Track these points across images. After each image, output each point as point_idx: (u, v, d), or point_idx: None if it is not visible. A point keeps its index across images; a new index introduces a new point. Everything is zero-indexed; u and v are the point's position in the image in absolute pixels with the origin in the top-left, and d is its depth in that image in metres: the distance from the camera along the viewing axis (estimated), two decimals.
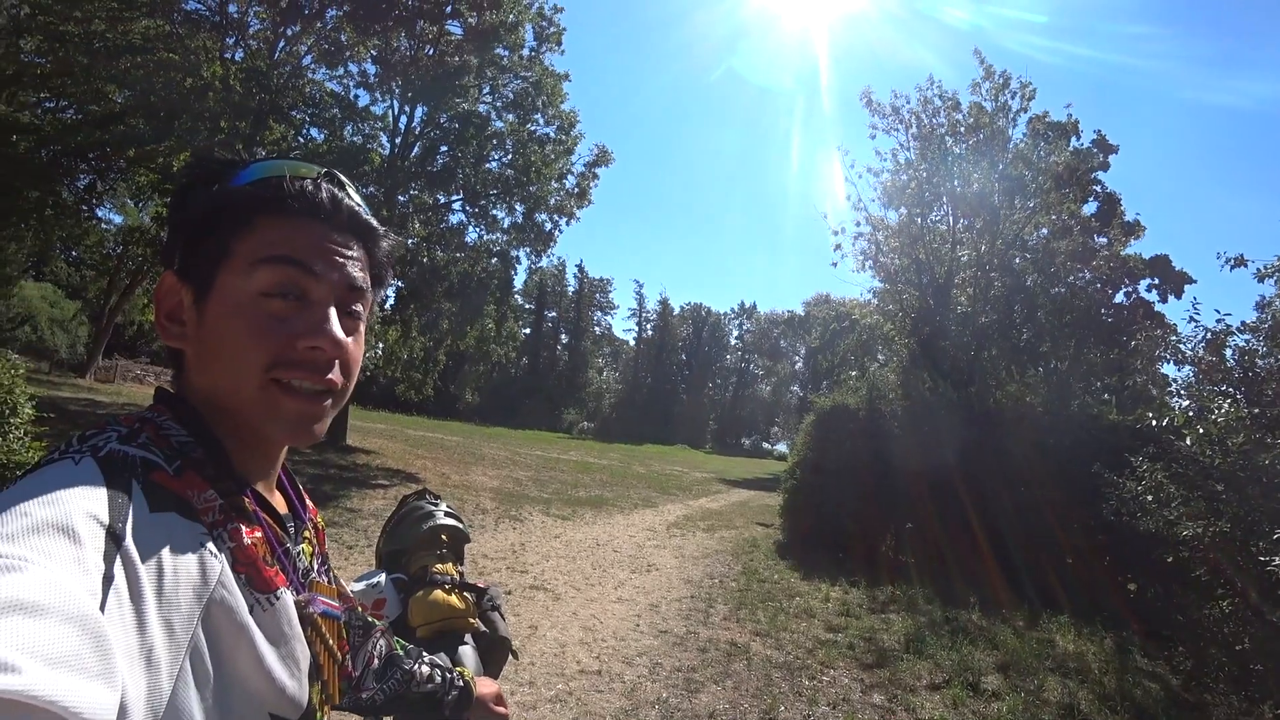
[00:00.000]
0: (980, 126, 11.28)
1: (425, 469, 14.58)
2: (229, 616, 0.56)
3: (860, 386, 12.17)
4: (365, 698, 1.00)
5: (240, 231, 0.63)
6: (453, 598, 1.78)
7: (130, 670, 0.45)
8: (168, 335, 0.65)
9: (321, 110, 15.37)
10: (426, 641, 1.71)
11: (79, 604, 0.41)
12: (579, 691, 4.16)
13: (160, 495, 0.54)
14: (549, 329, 64.78)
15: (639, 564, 8.24)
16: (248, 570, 0.59)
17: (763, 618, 6.29)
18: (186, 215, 0.65)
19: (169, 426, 0.61)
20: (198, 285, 0.63)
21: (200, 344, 0.63)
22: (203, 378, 0.64)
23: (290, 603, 0.64)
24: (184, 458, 0.59)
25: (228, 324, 0.61)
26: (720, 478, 24.89)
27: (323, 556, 0.81)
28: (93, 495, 0.49)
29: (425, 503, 2.01)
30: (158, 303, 0.65)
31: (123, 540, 0.48)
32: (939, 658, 5.36)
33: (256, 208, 0.63)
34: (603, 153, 17.34)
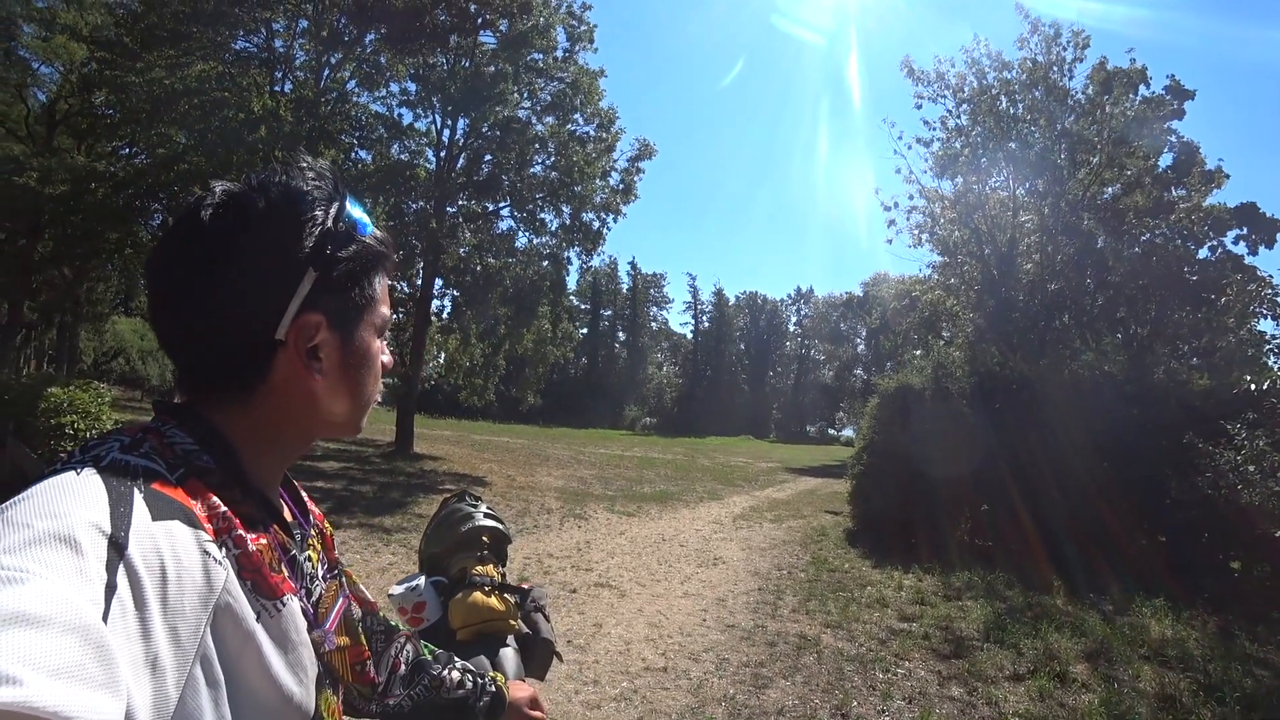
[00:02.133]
0: (1035, 82, 10.64)
1: (491, 472, 14.88)
2: (235, 623, 0.56)
3: (925, 365, 11.75)
4: (392, 704, 0.98)
5: (379, 281, 0.73)
6: (492, 599, 1.75)
7: (135, 678, 0.45)
8: (312, 371, 0.67)
9: (368, 132, 15.88)
10: (467, 644, 1.69)
11: (81, 614, 0.42)
12: (644, 689, 4.13)
13: (162, 503, 0.54)
14: (605, 327, 65.20)
15: (705, 558, 8.18)
16: (253, 576, 0.59)
17: (833, 609, 6.13)
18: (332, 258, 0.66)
19: (174, 435, 0.62)
20: (344, 331, 0.69)
21: (338, 380, 0.70)
22: (327, 407, 0.70)
23: (297, 609, 0.64)
24: (188, 465, 0.60)
25: (367, 364, 0.73)
26: (786, 467, 24.52)
27: (330, 562, 0.82)
28: (94, 505, 0.49)
29: (465, 504, 2.00)
30: (300, 340, 0.66)
31: (125, 549, 0.48)
32: (1021, 646, 5.09)
33: (388, 265, 0.74)
34: (645, 146, 17.30)
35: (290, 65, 15.55)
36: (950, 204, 11.91)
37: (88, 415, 5.27)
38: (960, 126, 11.59)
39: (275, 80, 15.08)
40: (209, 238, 0.63)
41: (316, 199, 0.67)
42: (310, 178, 0.68)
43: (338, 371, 0.70)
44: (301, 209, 0.65)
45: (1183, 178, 10.98)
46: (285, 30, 15.09)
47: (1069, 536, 7.82)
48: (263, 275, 0.63)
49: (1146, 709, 4.07)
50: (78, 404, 5.23)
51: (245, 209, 0.63)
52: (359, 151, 16.10)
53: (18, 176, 14.31)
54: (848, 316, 60.46)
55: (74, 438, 5.25)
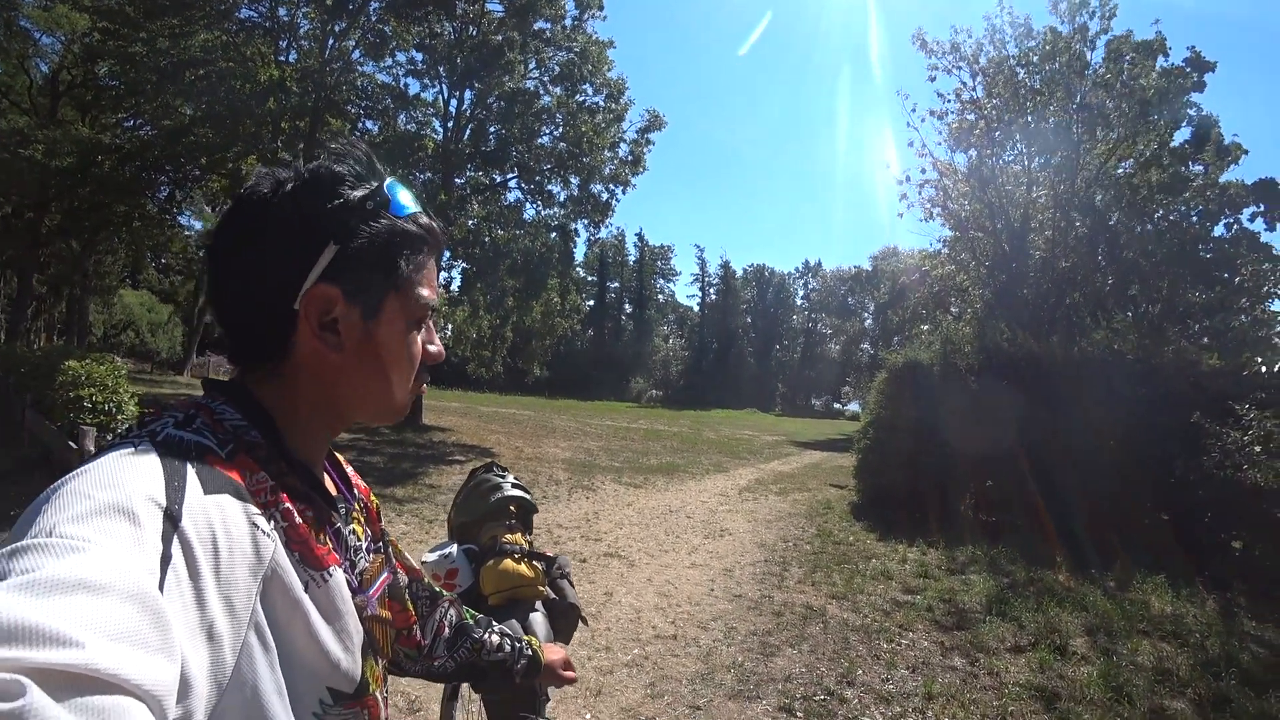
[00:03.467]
0: (1056, 53, 10.41)
1: (499, 443, 15.04)
2: (284, 593, 0.58)
3: (933, 341, 11.72)
4: (436, 665, 1.03)
5: (414, 265, 0.72)
6: (522, 566, 1.83)
7: (191, 645, 0.47)
8: (329, 344, 0.68)
9: (375, 102, 15.71)
10: (498, 609, 1.77)
11: (138, 582, 0.44)
12: (655, 656, 4.25)
13: (213, 478, 0.56)
14: (612, 299, 65.07)
15: (712, 529, 8.30)
16: (300, 548, 0.62)
17: (838, 580, 6.24)
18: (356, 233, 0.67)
19: (223, 411, 0.65)
20: (365, 305, 0.69)
21: (361, 357, 0.70)
22: (351, 384, 0.71)
23: (342, 580, 0.67)
24: (237, 441, 0.62)
25: (397, 345, 0.72)
26: (791, 440, 24.66)
27: (375, 534, 0.85)
28: (150, 478, 0.52)
29: (494, 475, 2.07)
30: (310, 311, 0.66)
31: (179, 521, 0.51)
32: (1023, 620, 5.18)
33: (428, 250, 0.74)
34: (654, 117, 17.08)
35: (295, 34, 15.31)
36: (963, 178, 11.76)
37: (105, 388, 5.38)
38: (975, 99, 11.40)
39: (280, 50, 14.87)
40: (244, 213, 0.67)
41: (346, 177, 0.69)
42: (347, 159, 0.70)
43: (359, 349, 0.70)
44: (329, 185, 0.68)
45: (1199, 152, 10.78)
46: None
47: (1074, 513, 7.89)
48: (286, 248, 0.66)
49: (1144, 682, 4.17)
50: (95, 377, 5.34)
51: (278, 187, 0.67)
52: (365, 122, 15.95)
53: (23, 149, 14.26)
54: (856, 291, 60.10)
55: (92, 410, 5.30)
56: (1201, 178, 10.35)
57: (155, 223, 17.97)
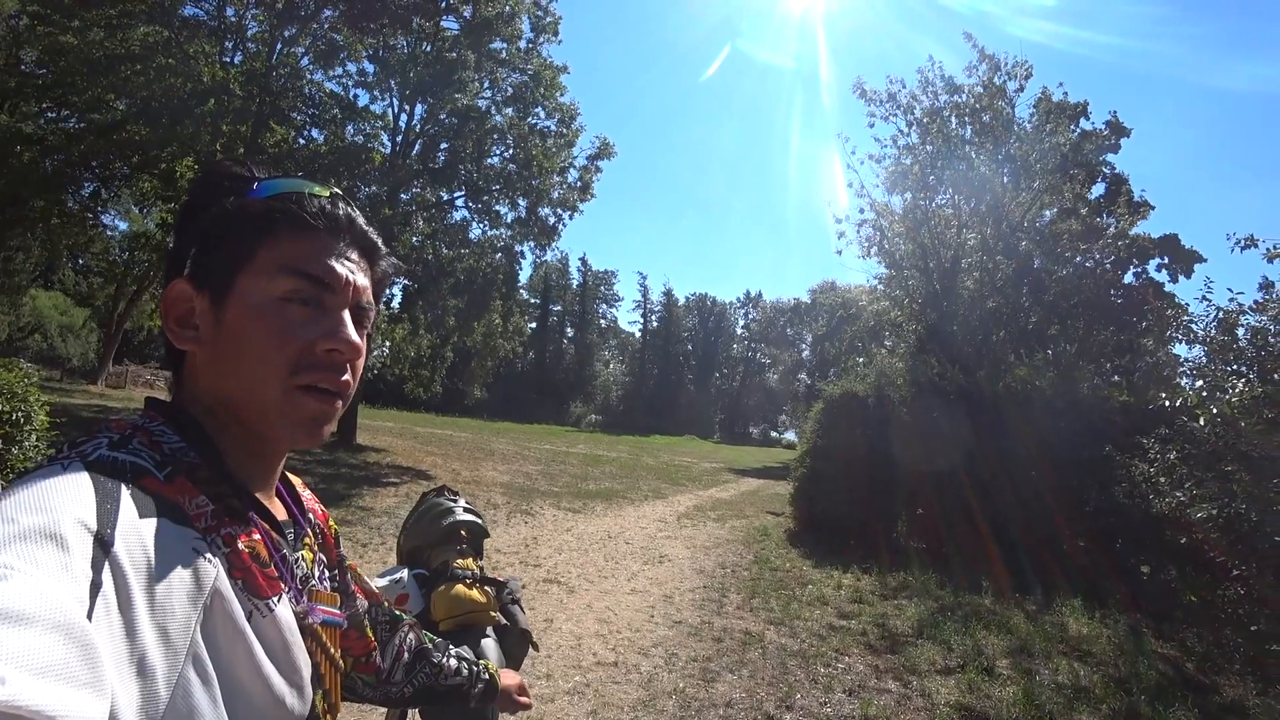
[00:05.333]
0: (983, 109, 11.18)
1: (436, 465, 14.65)
2: (227, 622, 0.55)
3: (868, 374, 12.11)
4: (394, 691, 1.01)
5: (265, 240, 0.65)
6: (474, 592, 1.80)
7: (121, 677, 0.44)
8: (180, 340, 0.65)
9: (322, 111, 15.37)
10: (449, 635, 1.73)
11: (65, 612, 0.41)
12: (596, 683, 4.20)
13: (149, 501, 0.54)
14: (554, 323, 64.78)
15: (651, 555, 8.28)
16: (244, 575, 0.59)
17: (776, 606, 6.32)
18: (202, 224, 0.67)
19: (162, 432, 0.62)
20: (214, 290, 0.65)
21: (218, 346, 0.64)
22: (218, 379, 0.65)
23: (289, 610, 0.64)
24: (176, 463, 0.60)
25: (251, 325, 0.64)
26: (729, 467, 24.92)
27: (328, 562, 0.82)
28: (80, 501, 0.49)
29: (444, 499, 2.04)
30: (166, 309, 0.66)
31: (111, 546, 0.48)
32: (952, 643, 5.37)
33: (281, 219, 0.66)
34: (604, 145, 17.27)
35: (242, 35, 14.87)
36: (898, 219, 12.38)
37: (12, 396, 4.73)
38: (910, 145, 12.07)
39: (225, 50, 14.42)
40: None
41: (214, 183, 0.69)
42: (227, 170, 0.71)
43: (214, 338, 0.65)
44: (192, 194, 0.69)
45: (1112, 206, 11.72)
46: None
47: (998, 540, 8.27)
48: (174, 261, 0.68)
49: (1063, 700, 4.37)
50: (2, 385, 4.76)
51: None
52: (311, 130, 15.56)
53: None
54: (794, 322, 61.74)
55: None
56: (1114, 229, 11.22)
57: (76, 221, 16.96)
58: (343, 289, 0.68)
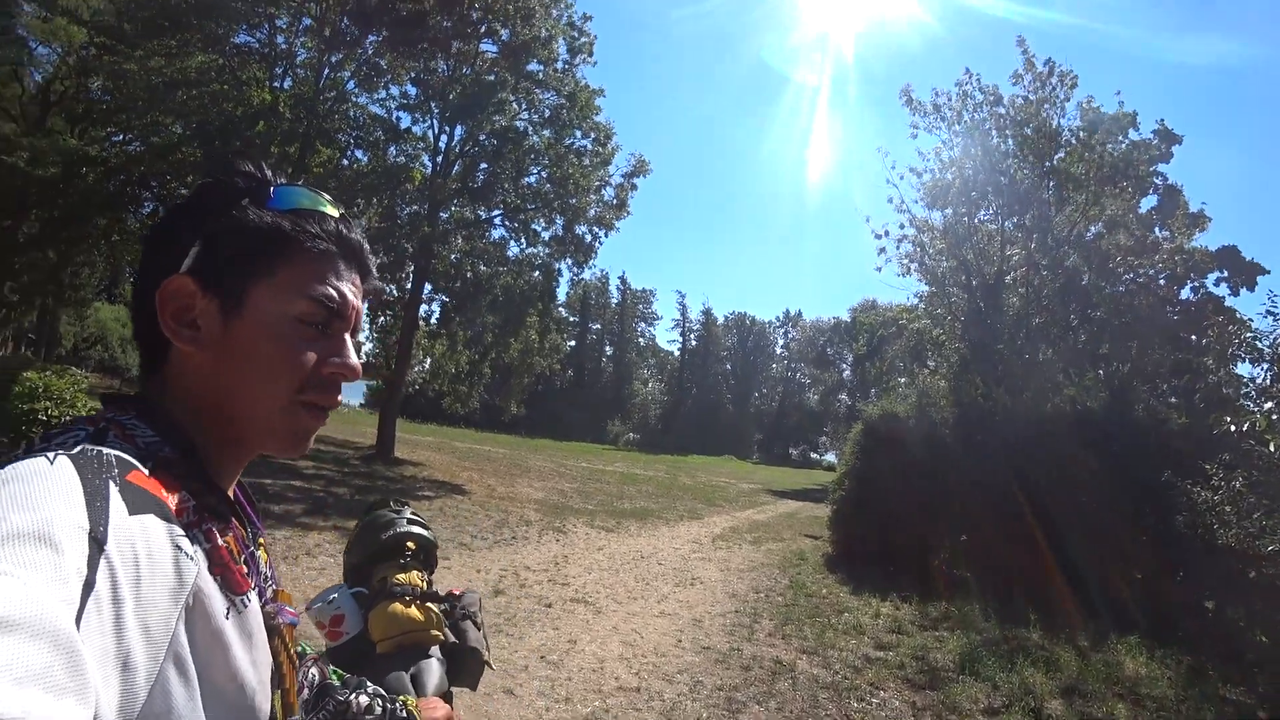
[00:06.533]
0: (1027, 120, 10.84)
1: (471, 480, 14.74)
2: (206, 620, 0.55)
3: (909, 394, 11.82)
4: None
5: (286, 258, 0.67)
6: (412, 610, 1.68)
7: (105, 678, 0.43)
8: (180, 338, 0.64)
9: (366, 133, 15.83)
10: (389, 657, 1.63)
11: (52, 616, 0.40)
12: (616, 709, 4.06)
13: (138, 496, 0.52)
14: (593, 341, 65.14)
15: (683, 577, 8.12)
16: (222, 572, 0.58)
17: (809, 634, 6.10)
18: (220, 226, 0.66)
19: (135, 426, 0.60)
20: (225, 297, 0.65)
21: (224, 354, 0.64)
22: (217, 385, 0.65)
23: (258, 607, 0.64)
24: (154, 458, 0.58)
25: (266, 343, 0.65)
26: (767, 489, 24.52)
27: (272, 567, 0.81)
28: (70, 499, 0.47)
29: (388, 510, 1.92)
30: (165, 301, 0.64)
31: (104, 544, 0.46)
32: (997, 679, 5.07)
33: (303, 240, 0.67)
34: (640, 163, 17.39)
35: (292, 62, 15.56)
36: (939, 234, 12.06)
37: (62, 401, 5.21)
38: (952, 158, 11.78)
39: (275, 76, 15.07)
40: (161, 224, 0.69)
41: (227, 184, 0.68)
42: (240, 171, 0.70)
43: (219, 346, 0.64)
44: (207, 187, 0.68)
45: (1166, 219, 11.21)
46: (288, 27, 15.08)
47: (1047, 570, 7.85)
48: (164, 251, 0.67)
49: None
50: (53, 390, 5.15)
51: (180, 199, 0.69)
52: (356, 151, 16.08)
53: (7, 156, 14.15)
54: (834, 341, 60.84)
55: (47, 424, 5.13)
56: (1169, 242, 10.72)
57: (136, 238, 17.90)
58: (349, 314, 0.71)
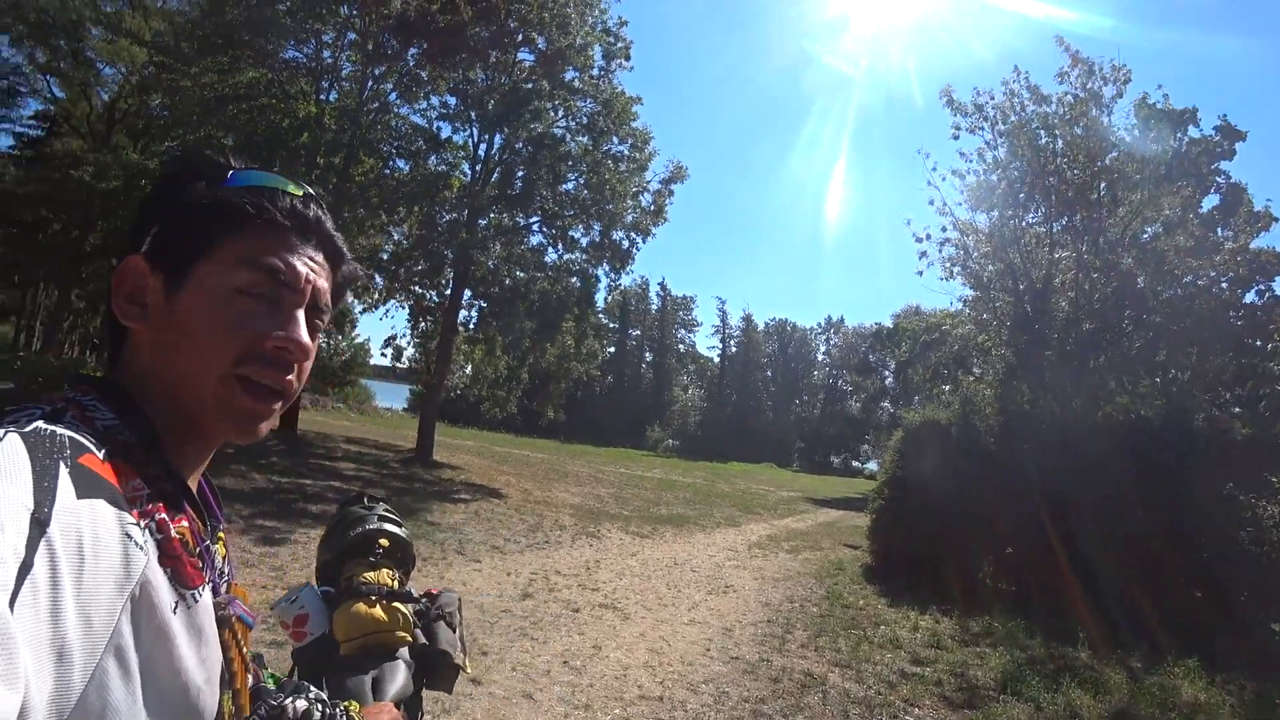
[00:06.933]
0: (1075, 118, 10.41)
1: (508, 484, 14.84)
2: (152, 613, 0.53)
3: (953, 401, 11.49)
4: None
5: (231, 231, 0.65)
6: (376, 610, 1.64)
7: (38, 666, 0.42)
8: (127, 315, 0.64)
9: (407, 142, 16.17)
10: (353, 659, 1.59)
11: None
12: (636, 718, 4.00)
13: (88, 479, 0.51)
14: (633, 347, 65.14)
15: (716, 585, 8.01)
16: (173, 564, 0.56)
17: (844, 646, 5.93)
18: (173, 207, 0.66)
19: (94, 407, 0.59)
20: (169, 272, 0.64)
21: (165, 329, 0.64)
22: (160, 361, 0.64)
23: (209, 602, 0.62)
24: (111, 441, 0.57)
25: (202, 313, 0.63)
26: (808, 497, 24.09)
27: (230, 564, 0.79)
28: (17, 477, 0.46)
29: (359, 507, 1.89)
30: (118, 284, 0.65)
31: (47, 526, 0.45)
32: (1040, 700, 4.83)
33: (251, 214, 0.66)
34: (677, 169, 17.36)
35: (337, 75, 16.11)
36: (984, 238, 11.69)
37: None
38: (997, 159, 11.41)
39: (322, 89, 15.60)
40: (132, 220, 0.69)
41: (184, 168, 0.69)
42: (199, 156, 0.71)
43: (162, 321, 0.64)
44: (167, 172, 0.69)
45: (1229, 218, 10.63)
46: (334, 42, 15.58)
47: (1098, 586, 7.48)
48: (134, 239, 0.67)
49: None
50: None
51: None
52: (397, 161, 16.44)
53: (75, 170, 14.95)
54: (877, 348, 59.57)
55: None
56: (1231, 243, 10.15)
57: None
58: (301, 288, 0.68)
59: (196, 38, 14.15)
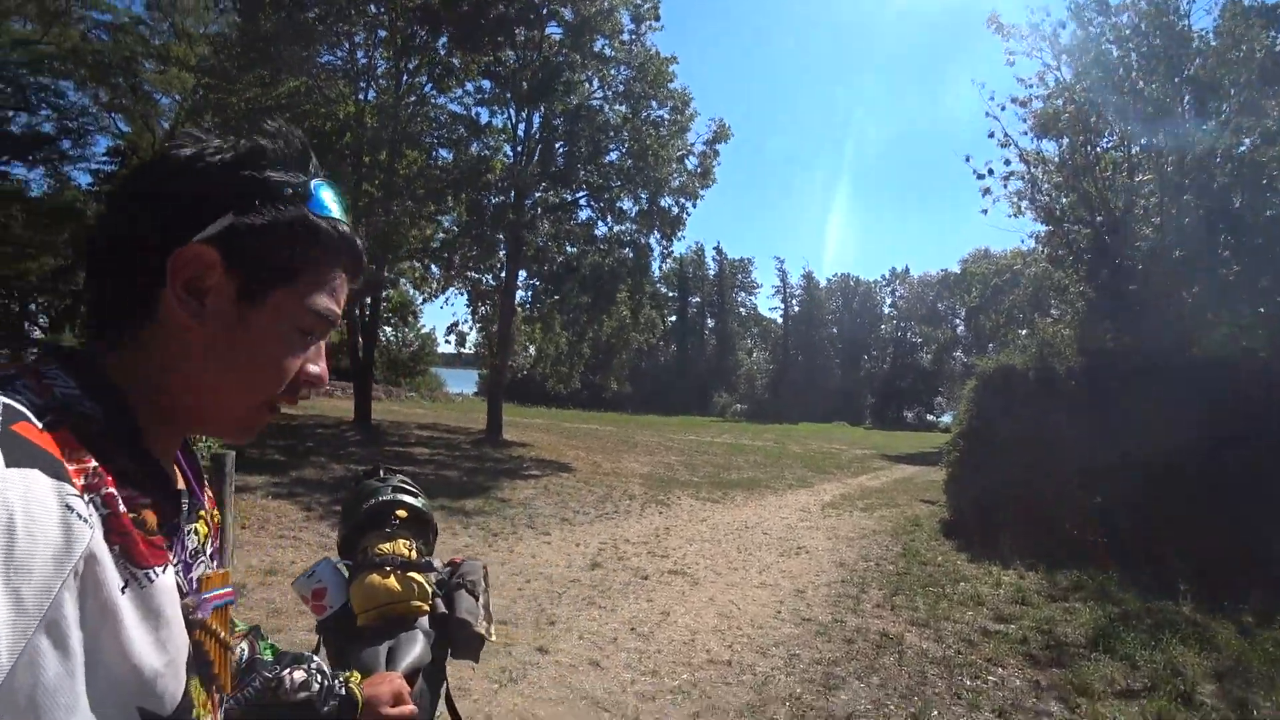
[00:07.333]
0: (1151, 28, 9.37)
1: (578, 458, 15.07)
2: (97, 590, 0.50)
3: (1029, 345, 10.90)
4: None
5: (313, 266, 0.66)
6: (390, 580, 1.64)
7: None
8: (185, 307, 0.60)
9: (448, 132, 16.33)
10: (371, 630, 1.60)
11: None
12: (705, 683, 3.98)
13: (21, 447, 0.48)
14: (694, 314, 64.76)
15: (788, 546, 7.93)
16: (122, 541, 0.53)
17: (921, 605, 5.76)
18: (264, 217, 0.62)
19: (55, 375, 0.56)
20: (247, 284, 0.62)
21: (226, 341, 0.62)
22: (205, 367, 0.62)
23: (171, 583, 0.58)
24: (63, 411, 0.54)
25: (270, 342, 0.64)
26: (881, 453, 23.52)
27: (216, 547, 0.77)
28: None
29: (373, 480, 1.89)
30: (180, 267, 0.59)
31: None
32: (1136, 658, 4.54)
33: (340, 260, 0.68)
34: (721, 128, 16.94)
35: (373, 75, 16.46)
36: (1053, 168, 10.82)
37: None
38: (1061, 82, 10.49)
39: (359, 89, 16.02)
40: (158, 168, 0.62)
41: (269, 155, 0.64)
42: (279, 139, 0.66)
43: (224, 329, 0.61)
44: (248, 160, 0.63)
45: None
46: (365, 41, 15.88)
47: (1198, 536, 6.97)
48: (183, 206, 0.60)
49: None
50: None
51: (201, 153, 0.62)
52: (440, 151, 16.66)
53: None
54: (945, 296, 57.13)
55: None
56: None
57: None
58: (336, 325, 0.70)
59: (235, 54, 14.70)
